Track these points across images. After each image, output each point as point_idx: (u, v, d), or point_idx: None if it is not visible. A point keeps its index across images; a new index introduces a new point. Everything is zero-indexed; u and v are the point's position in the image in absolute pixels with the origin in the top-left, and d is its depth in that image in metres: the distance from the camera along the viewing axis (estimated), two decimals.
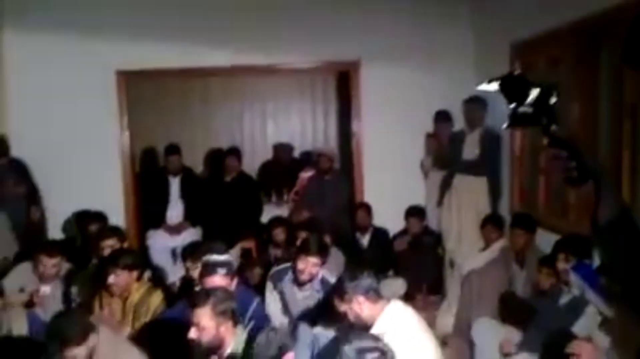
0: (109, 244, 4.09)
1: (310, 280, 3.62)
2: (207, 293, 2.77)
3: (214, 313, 2.66)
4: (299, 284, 3.64)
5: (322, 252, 3.62)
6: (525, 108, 1.37)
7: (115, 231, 4.37)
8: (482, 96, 5.03)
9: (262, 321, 3.25)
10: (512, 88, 1.39)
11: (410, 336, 2.73)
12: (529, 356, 3.31)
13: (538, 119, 1.37)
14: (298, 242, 4.11)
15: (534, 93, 1.36)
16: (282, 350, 2.53)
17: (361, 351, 1.77)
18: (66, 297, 3.96)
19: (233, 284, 3.29)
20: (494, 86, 1.42)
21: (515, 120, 1.40)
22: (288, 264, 3.78)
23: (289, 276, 3.70)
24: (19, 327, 3.24)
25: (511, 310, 3.82)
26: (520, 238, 4.13)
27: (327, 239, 4.87)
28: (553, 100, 1.37)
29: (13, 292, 3.86)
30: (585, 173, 1.34)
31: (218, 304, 2.68)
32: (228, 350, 2.70)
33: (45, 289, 3.88)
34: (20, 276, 4.07)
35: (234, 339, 2.72)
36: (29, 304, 3.76)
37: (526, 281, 4.02)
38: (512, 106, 1.39)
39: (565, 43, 4.06)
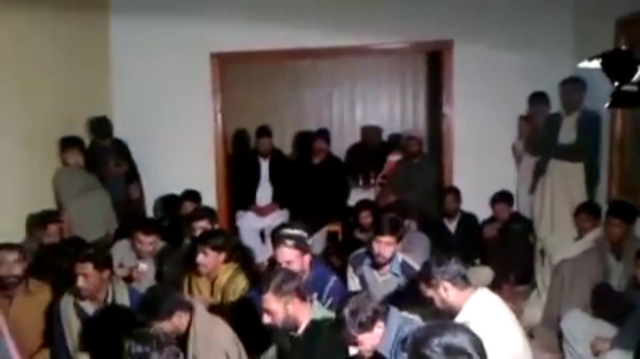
0: (201, 225, 4.23)
1: (389, 262, 3.60)
2: (268, 279, 2.82)
3: (278, 295, 2.74)
4: (377, 267, 3.65)
5: (395, 232, 3.59)
6: (630, 86, 1.27)
7: (208, 212, 4.51)
8: (581, 76, 4.85)
9: (340, 298, 3.27)
10: (617, 65, 1.29)
11: (496, 325, 2.67)
12: (623, 353, 3.16)
13: None
14: None
15: None
16: (376, 316, 2.55)
17: (449, 349, 1.71)
18: (159, 274, 4.16)
19: (306, 259, 3.36)
20: (597, 64, 1.33)
21: (619, 99, 1.31)
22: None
23: (368, 259, 3.71)
24: (122, 298, 3.44)
25: (605, 303, 3.65)
26: (617, 228, 3.92)
27: (413, 224, 4.85)
28: None
29: (114, 267, 4.09)
30: None
31: (279, 286, 2.75)
32: (303, 325, 2.76)
33: (143, 266, 4.10)
34: (120, 252, 4.31)
35: (310, 314, 2.78)
36: (128, 279, 3.99)
37: (623, 274, 3.82)
38: (616, 84, 1.29)
39: None
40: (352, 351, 2.60)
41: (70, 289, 3.35)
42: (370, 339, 2.54)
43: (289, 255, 3.29)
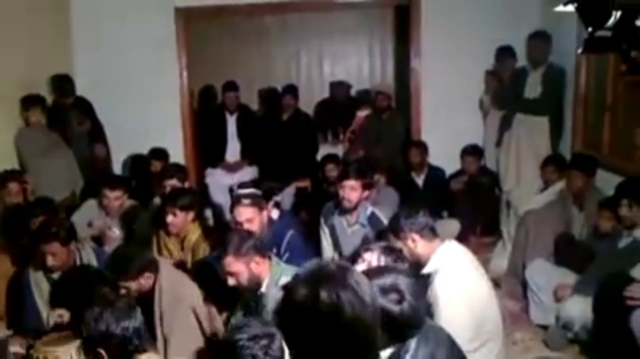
0: (171, 184, 4.22)
1: (355, 210, 3.65)
2: (224, 242, 2.84)
3: (238, 256, 2.76)
4: (344, 213, 3.70)
5: (359, 176, 3.64)
6: (604, 32, 1.25)
7: (178, 170, 4.49)
8: (547, 31, 4.87)
9: (297, 252, 3.33)
10: (591, 10, 1.26)
11: (463, 275, 2.74)
12: (583, 299, 3.28)
13: (618, 44, 1.26)
14: None
15: (616, 15, 1.24)
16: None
17: (384, 290, 1.79)
18: (128, 234, 4.14)
19: (264, 216, 3.41)
20: (571, 8, 1.31)
21: (592, 45, 1.29)
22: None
23: (338, 210, 3.75)
24: (90, 260, 3.45)
25: (568, 252, 3.77)
26: (578, 180, 4.02)
27: (382, 178, 4.89)
28: (639, 23, 1.27)
29: (82, 227, 4.06)
30: None
31: (238, 247, 2.77)
32: (264, 283, 2.80)
33: (116, 231, 4.06)
34: (88, 211, 4.28)
35: (271, 270, 2.82)
36: (98, 241, 3.96)
37: (584, 224, 3.93)
38: (590, 29, 1.27)
39: None
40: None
41: (36, 265, 3.35)
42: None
43: (247, 213, 3.32)
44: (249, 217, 3.31)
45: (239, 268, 2.76)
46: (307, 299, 1.27)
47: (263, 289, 2.80)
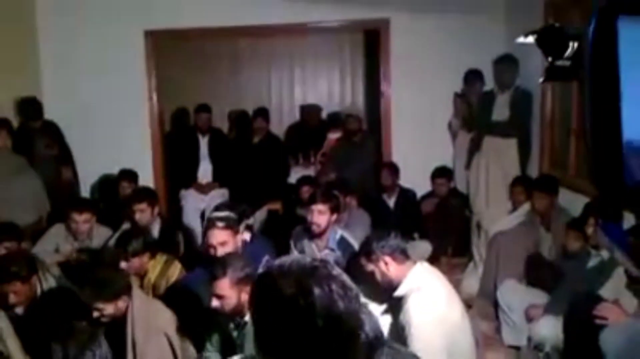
0: (141, 208, 4.16)
1: (323, 234, 3.65)
2: (224, 264, 2.78)
3: (233, 281, 2.69)
4: (312, 237, 3.70)
5: (327, 200, 3.65)
6: (563, 61, 1.31)
7: (148, 194, 4.40)
8: (513, 55, 4.98)
9: None
10: (550, 41, 1.33)
11: (436, 297, 2.74)
12: (554, 318, 3.31)
13: (576, 73, 1.32)
14: None
15: (573, 46, 1.31)
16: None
17: None
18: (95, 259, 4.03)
19: (238, 239, 3.38)
20: (531, 39, 1.37)
21: (552, 74, 1.35)
22: None
23: (307, 233, 3.75)
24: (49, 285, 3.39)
25: (538, 273, 3.81)
26: (542, 201, 4.08)
27: (354, 200, 4.90)
28: None
29: (48, 252, 3.97)
30: None
31: (235, 272, 2.71)
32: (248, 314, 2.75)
33: (82, 256, 3.96)
34: (55, 236, 4.18)
35: None
36: (64, 267, 3.87)
37: (552, 244, 3.99)
38: (550, 59, 1.34)
39: None
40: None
41: None
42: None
43: (221, 236, 3.28)
44: (222, 240, 3.26)
45: (230, 294, 2.69)
46: (298, 293, 1.17)
47: (247, 318, 2.74)
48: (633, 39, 1.09)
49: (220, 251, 3.18)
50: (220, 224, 3.31)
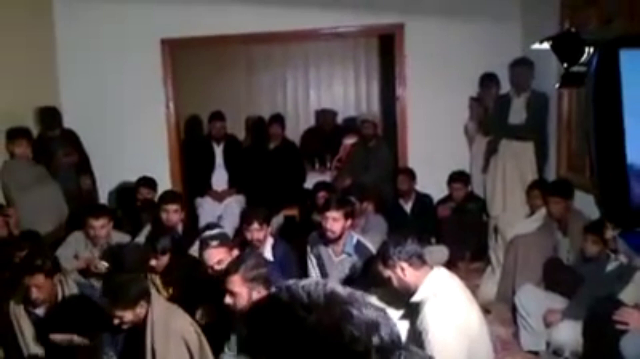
0: (174, 208, 4.34)
1: (339, 239, 3.65)
2: (238, 260, 2.83)
3: (245, 279, 2.73)
4: (328, 243, 3.70)
5: (341, 207, 3.65)
6: (579, 67, 1.32)
7: (177, 196, 4.61)
8: (529, 58, 4.96)
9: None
10: (566, 47, 1.33)
11: (453, 302, 2.73)
12: (573, 323, 3.29)
13: None
14: None
15: (589, 51, 1.31)
16: None
17: None
18: (117, 266, 4.07)
19: (234, 254, 3.37)
20: (547, 45, 1.38)
21: (568, 80, 1.35)
22: None
23: (323, 240, 3.75)
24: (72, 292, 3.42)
25: (556, 277, 3.78)
26: (558, 205, 4.05)
27: (370, 206, 4.90)
28: None
29: (68, 259, 4.02)
30: None
31: (248, 270, 2.75)
32: None
33: (104, 264, 4.01)
34: (74, 244, 4.23)
35: None
36: (85, 273, 3.91)
37: (570, 248, 3.95)
38: (565, 65, 1.34)
39: (617, 0, 3.90)
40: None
41: (18, 298, 3.30)
42: None
43: (217, 255, 3.30)
44: (219, 259, 3.28)
45: (242, 291, 2.73)
46: (326, 331, 1.05)
47: None
48: (634, 70, 1.14)
49: (219, 269, 3.19)
50: (213, 243, 3.33)
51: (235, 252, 3.41)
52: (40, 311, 3.31)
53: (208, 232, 3.54)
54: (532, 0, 5.30)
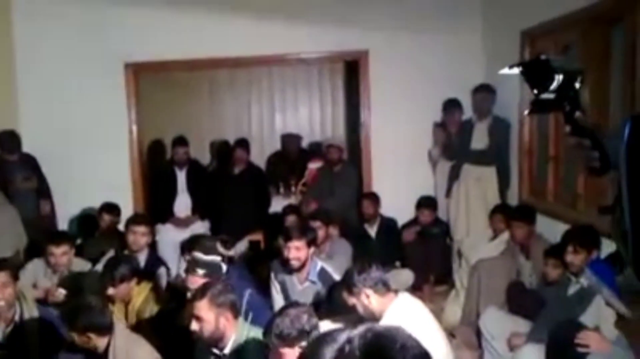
0: (142, 231, 4.25)
1: (302, 267, 3.62)
2: (206, 286, 2.79)
3: (213, 304, 2.69)
4: (291, 272, 3.67)
5: (302, 235, 3.62)
6: (548, 94, 1.33)
7: (146, 219, 4.51)
8: (490, 84, 5.06)
9: (260, 311, 3.22)
10: (536, 74, 1.34)
11: (418, 328, 2.72)
12: (537, 346, 3.31)
13: (561, 106, 1.33)
14: None
15: (558, 79, 1.32)
16: (301, 336, 2.43)
17: None
18: (75, 294, 3.98)
19: None
20: (516, 71, 1.38)
21: (537, 106, 1.36)
22: None
23: (287, 269, 3.72)
24: (32, 315, 3.34)
25: (519, 301, 3.81)
26: (521, 230, 4.12)
27: (335, 230, 4.89)
28: (577, 85, 1.33)
29: (26, 287, 3.89)
30: (608, 163, 1.29)
31: (216, 296, 2.71)
32: (229, 343, 2.72)
33: (62, 291, 3.90)
34: (33, 271, 4.12)
35: (235, 331, 2.74)
36: (42, 302, 3.80)
37: (532, 272, 4.01)
38: (535, 91, 1.35)
39: (575, 29, 4.03)
40: None
41: None
42: (291, 356, 2.47)
43: (199, 282, 3.20)
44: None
45: (208, 317, 2.68)
46: None
47: (227, 350, 2.71)
48: None
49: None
50: (200, 271, 3.26)
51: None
52: None
53: (199, 255, 3.34)
54: (493, 27, 5.44)
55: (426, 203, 5.39)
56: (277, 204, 5.86)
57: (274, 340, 2.46)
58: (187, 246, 4.00)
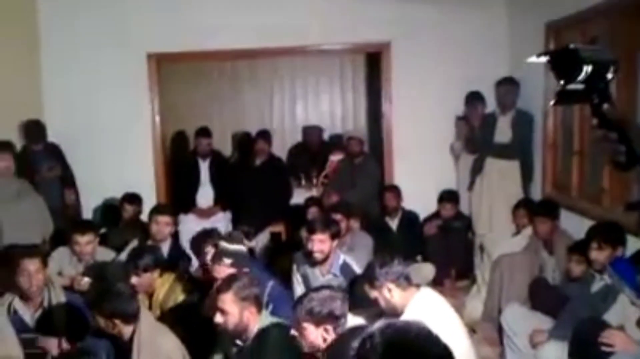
0: (165, 221, 4.29)
1: (325, 260, 3.63)
2: (231, 279, 2.81)
3: (237, 298, 2.71)
4: (314, 265, 3.68)
5: (326, 228, 3.62)
6: (576, 85, 1.28)
7: (170, 210, 4.56)
8: (514, 77, 5.00)
9: (281, 301, 3.24)
10: (564, 64, 1.30)
11: (440, 323, 2.70)
12: (560, 344, 3.28)
13: (589, 97, 1.28)
14: None
15: (587, 70, 1.28)
16: (329, 317, 2.52)
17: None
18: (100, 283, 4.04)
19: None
20: (544, 60, 1.34)
21: (564, 97, 1.31)
22: None
23: (310, 261, 3.73)
24: (60, 300, 3.43)
25: (542, 297, 3.78)
26: (544, 225, 4.09)
27: (356, 223, 4.89)
28: (610, 76, 1.28)
29: (52, 275, 3.94)
30: (634, 158, 1.26)
31: (241, 289, 2.73)
32: (252, 335, 2.74)
33: (87, 280, 3.96)
34: (58, 259, 4.18)
35: (259, 324, 2.76)
36: (68, 289, 3.86)
37: (555, 268, 3.97)
38: (562, 82, 1.30)
39: (602, 21, 3.96)
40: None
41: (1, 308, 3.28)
42: (311, 334, 2.52)
43: (226, 272, 3.25)
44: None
45: (233, 310, 2.71)
46: None
47: (248, 342, 2.74)
48: None
49: None
50: (227, 261, 3.28)
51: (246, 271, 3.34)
52: (25, 315, 3.32)
53: (226, 245, 3.37)
54: (518, 19, 5.37)
55: (448, 197, 5.35)
56: (298, 196, 5.87)
57: (302, 313, 2.49)
58: (202, 240, 3.98)
